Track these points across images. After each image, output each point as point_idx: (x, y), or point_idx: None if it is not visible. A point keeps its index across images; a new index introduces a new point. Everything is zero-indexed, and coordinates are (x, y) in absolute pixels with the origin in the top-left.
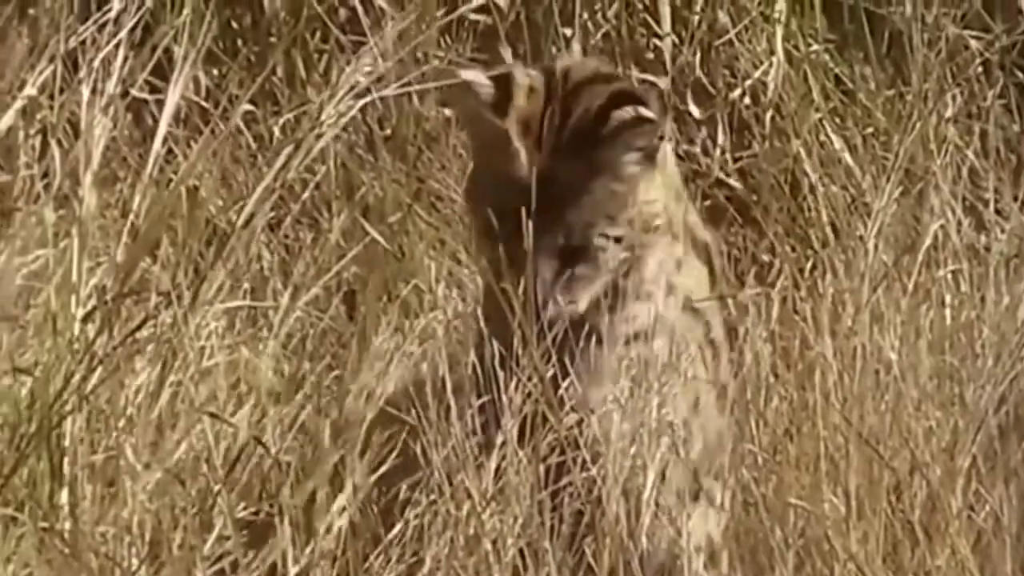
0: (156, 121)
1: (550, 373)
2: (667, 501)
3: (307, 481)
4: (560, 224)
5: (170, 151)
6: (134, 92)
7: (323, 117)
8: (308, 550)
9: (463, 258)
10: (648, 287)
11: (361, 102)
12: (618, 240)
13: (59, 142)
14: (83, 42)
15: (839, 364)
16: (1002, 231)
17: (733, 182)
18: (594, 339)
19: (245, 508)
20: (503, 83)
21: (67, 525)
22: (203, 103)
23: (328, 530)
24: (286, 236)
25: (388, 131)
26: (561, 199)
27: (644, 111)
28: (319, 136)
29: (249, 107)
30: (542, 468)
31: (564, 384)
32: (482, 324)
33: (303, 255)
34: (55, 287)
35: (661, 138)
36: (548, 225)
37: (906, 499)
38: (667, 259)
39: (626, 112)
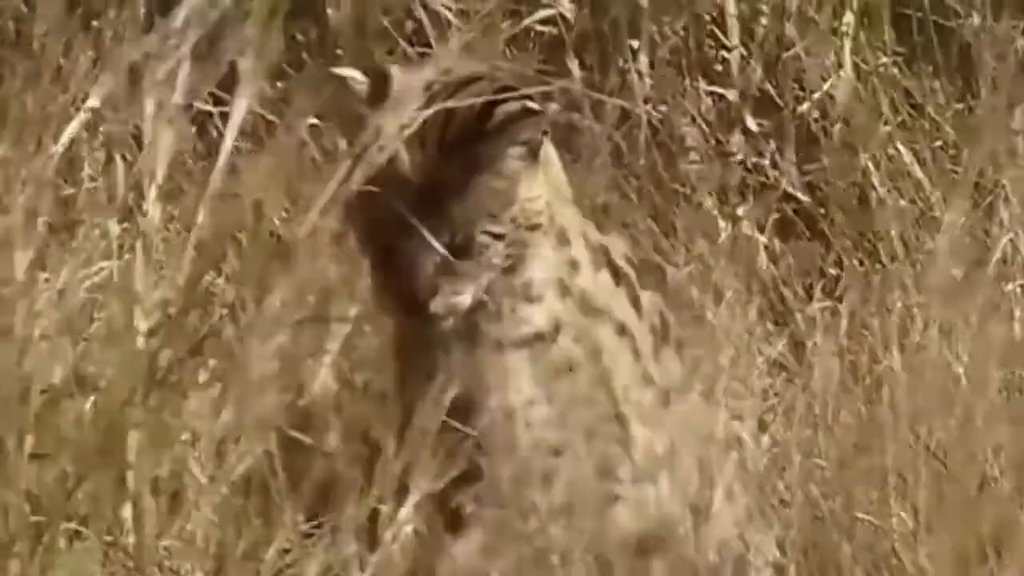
0: (220, 134)
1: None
2: (734, 515)
3: (371, 491)
4: (444, 223)
5: (235, 164)
6: (198, 105)
7: (384, 127)
8: (373, 559)
9: None
10: (538, 289)
11: (424, 114)
12: (500, 237)
13: (123, 156)
14: (147, 55)
15: (908, 378)
16: None
17: (801, 196)
18: (486, 343)
19: (309, 520)
20: (379, 79)
21: (131, 539)
22: (268, 116)
23: (393, 540)
24: (351, 249)
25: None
26: (444, 199)
27: (530, 104)
28: (382, 149)
29: (315, 120)
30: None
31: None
32: None
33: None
34: (119, 300)
35: (545, 133)
36: (432, 225)
37: (975, 514)
38: (556, 261)
39: (511, 106)
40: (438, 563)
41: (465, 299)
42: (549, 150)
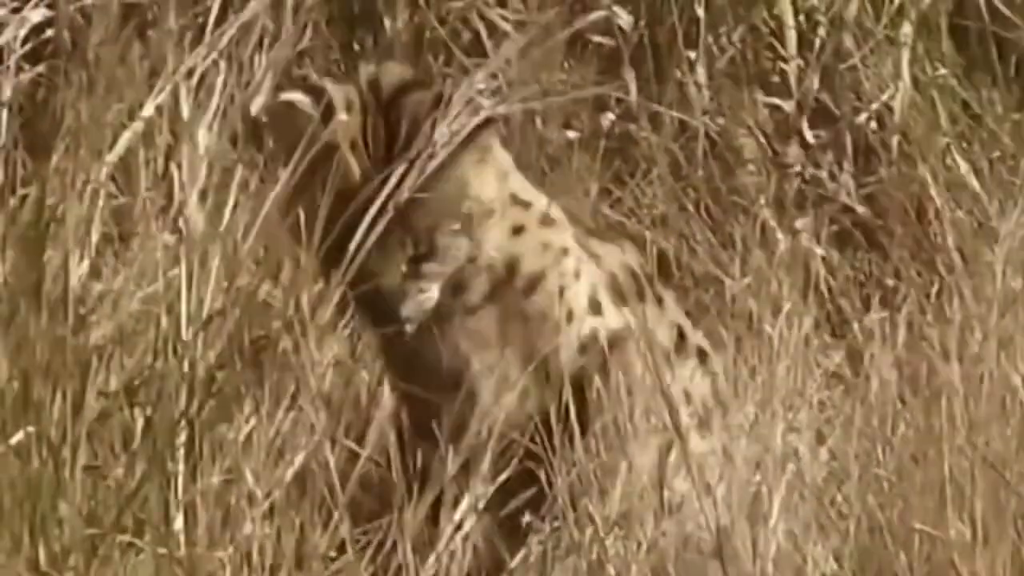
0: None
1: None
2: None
3: (425, 498)
4: (404, 233)
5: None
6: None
7: (437, 134)
8: (429, 563)
9: None
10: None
11: (476, 120)
12: (457, 232)
13: (179, 165)
14: (197, 65)
15: (965, 389)
16: None
17: (859, 207)
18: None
19: (365, 530)
20: (319, 96)
21: (184, 550)
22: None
23: (448, 546)
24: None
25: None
26: (402, 210)
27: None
28: (432, 156)
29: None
30: (667, 494)
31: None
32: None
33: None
34: (172, 311)
35: (491, 120)
36: (388, 236)
37: None
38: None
39: (464, 118)
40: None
41: (432, 295)
42: (495, 143)
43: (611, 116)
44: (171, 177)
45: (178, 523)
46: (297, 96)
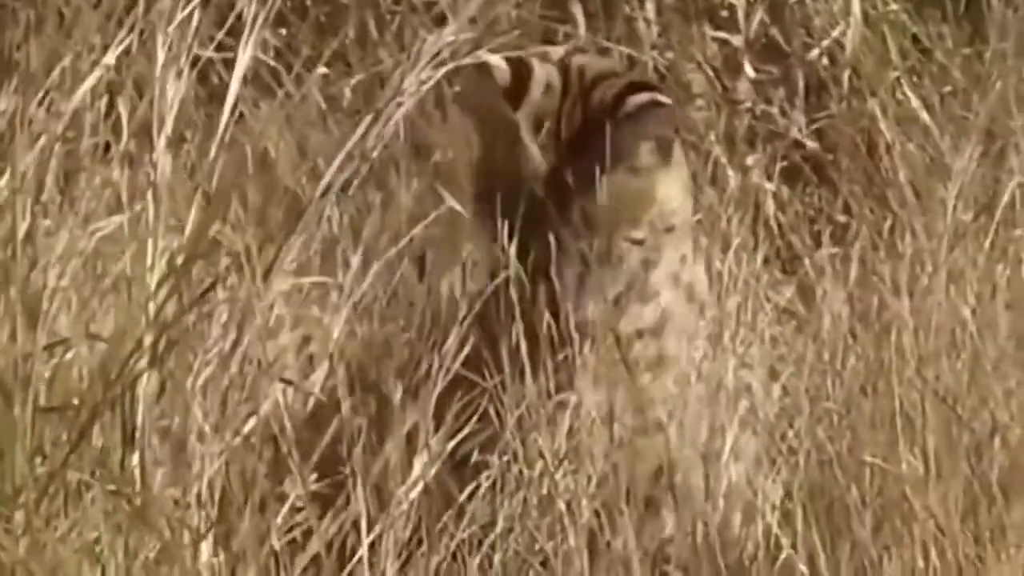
0: (223, 80)
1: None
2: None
3: (381, 445)
4: (580, 227)
5: (240, 112)
6: (203, 52)
7: (405, 85)
8: (383, 516)
9: None
10: (655, 287)
11: (442, 70)
12: (639, 243)
13: (130, 106)
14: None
15: (916, 323)
16: None
17: (809, 142)
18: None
19: (318, 474)
20: (520, 72)
21: (137, 490)
22: (272, 63)
23: (404, 495)
24: (354, 196)
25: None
26: (578, 199)
27: (660, 96)
28: (399, 105)
29: (321, 69)
30: (617, 428)
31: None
32: (556, 283)
33: (373, 216)
34: (129, 252)
35: (677, 132)
36: (567, 228)
37: (985, 459)
38: (676, 256)
39: (641, 97)
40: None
41: (598, 307)
42: (679, 150)
43: (560, 51)
44: (118, 116)
45: (133, 462)
46: (495, 60)
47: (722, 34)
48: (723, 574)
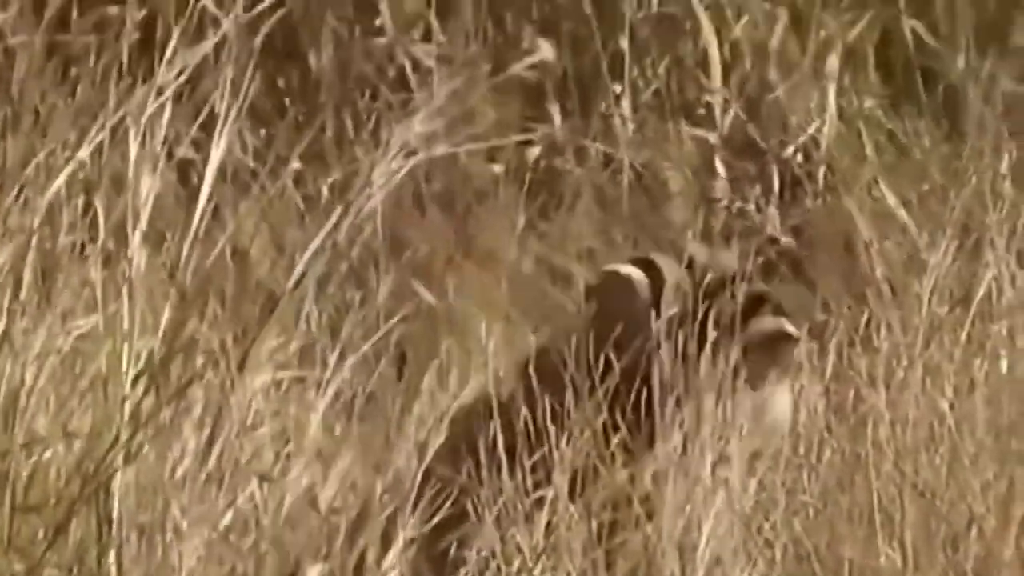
0: (202, 179)
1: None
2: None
3: (358, 538)
4: None
5: (219, 211)
6: (180, 151)
7: (374, 176)
8: None
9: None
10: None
11: (412, 161)
12: None
13: (103, 204)
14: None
15: (892, 416)
16: None
17: (785, 238)
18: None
19: (294, 570)
20: (652, 275)
21: None
22: (251, 162)
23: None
24: (333, 294)
25: (436, 187)
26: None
27: (786, 325)
28: (370, 196)
29: (297, 166)
30: (595, 524)
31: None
32: (534, 380)
33: (351, 314)
34: (105, 349)
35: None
36: None
37: (961, 549)
38: None
39: (767, 323)
40: None
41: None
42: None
43: (536, 150)
44: (95, 214)
45: (109, 559)
46: (634, 272)
47: (698, 131)
48: None
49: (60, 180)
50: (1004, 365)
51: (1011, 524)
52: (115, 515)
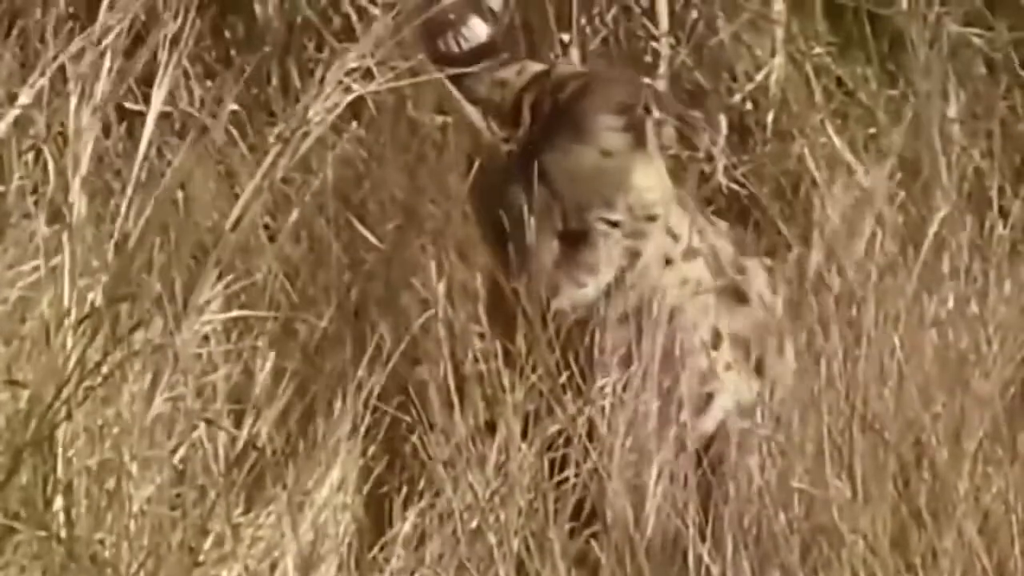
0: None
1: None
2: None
3: (306, 480)
4: (555, 206)
5: (165, 161)
6: (128, 106)
7: (311, 115)
8: (307, 540)
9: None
10: (652, 281)
11: (349, 97)
12: (616, 225)
13: (51, 153)
14: (72, 52)
15: (844, 352)
16: (1004, 227)
17: (735, 184)
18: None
19: (243, 510)
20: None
21: (63, 531)
22: (197, 114)
23: (323, 510)
24: (282, 247)
25: (385, 139)
26: (553, 180)
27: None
28: (307, 134)
29: (239, 110)
30: (545, 460)
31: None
32: (484, 322)
33: (301, 265)
34: (49, 299)
35: (647, 111)
36: (544, 210)
37: (913, 483)
38: (670, 250)
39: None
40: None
41: (588, 292)
42: (654, 143)
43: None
44: (44, 168)
45: (57, 504)
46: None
47: (645, 79)
48: None
49: (1, 126)
50: (952, 301)
51: (962, 458)
52: (61, 460)
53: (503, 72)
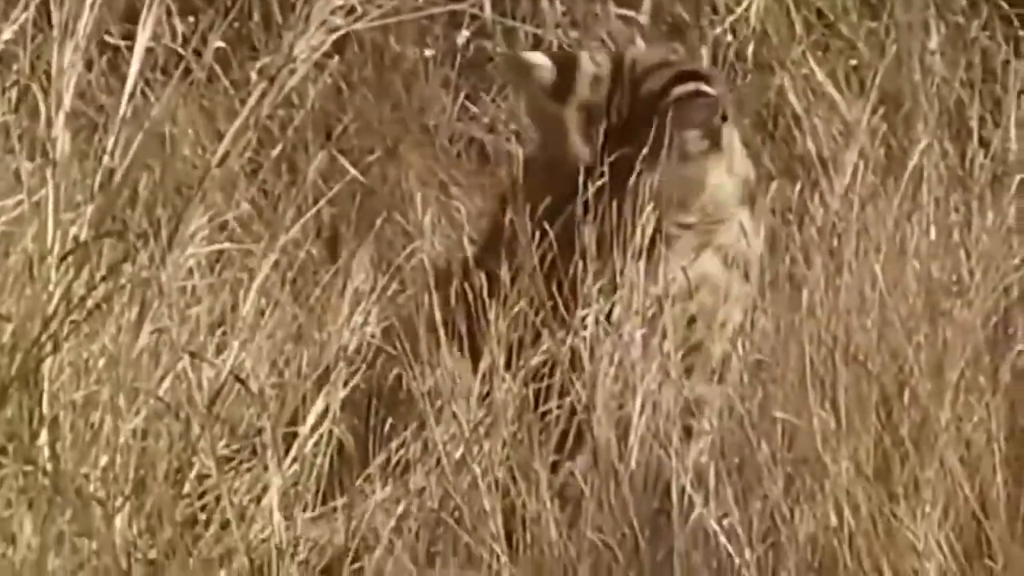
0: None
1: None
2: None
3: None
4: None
5: (149, 100)
6: (110, 40)
7: (296, 52)
8: (290, 471)
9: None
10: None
11: (334, 35)
12: (688, 227)
13: (36, 89)
14: None
15: (825, 282)
16: (985, 157)
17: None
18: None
19: (227, 444)
20: (567, 68)
21: (48, 465)
22: (180, 50)
23: (305, 445)
24: (264, 181)
25: (367, 73)
26: (628, 186)
27: (704, 87)
28: (292, 72)
29: (223, 46)
30: (530, 391)
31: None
32: (469, 252)
33: (282, 198)
34: (33, 233)
35: (724, 119)
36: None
37: (895, 414)
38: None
39: (687, 87)
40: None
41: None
42: (736, 141)
43: (466, 33)
44: (28, 105)
45: (42, 438)
46: (538, 58)
47: (626, 11)
48: (636, 532)
49: None
50: (933, 232)
51: (945, 388)
52: (46, 395)
53: (589, 66)
